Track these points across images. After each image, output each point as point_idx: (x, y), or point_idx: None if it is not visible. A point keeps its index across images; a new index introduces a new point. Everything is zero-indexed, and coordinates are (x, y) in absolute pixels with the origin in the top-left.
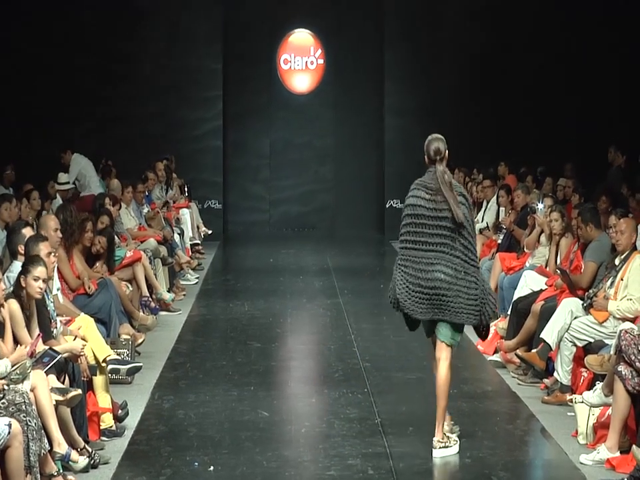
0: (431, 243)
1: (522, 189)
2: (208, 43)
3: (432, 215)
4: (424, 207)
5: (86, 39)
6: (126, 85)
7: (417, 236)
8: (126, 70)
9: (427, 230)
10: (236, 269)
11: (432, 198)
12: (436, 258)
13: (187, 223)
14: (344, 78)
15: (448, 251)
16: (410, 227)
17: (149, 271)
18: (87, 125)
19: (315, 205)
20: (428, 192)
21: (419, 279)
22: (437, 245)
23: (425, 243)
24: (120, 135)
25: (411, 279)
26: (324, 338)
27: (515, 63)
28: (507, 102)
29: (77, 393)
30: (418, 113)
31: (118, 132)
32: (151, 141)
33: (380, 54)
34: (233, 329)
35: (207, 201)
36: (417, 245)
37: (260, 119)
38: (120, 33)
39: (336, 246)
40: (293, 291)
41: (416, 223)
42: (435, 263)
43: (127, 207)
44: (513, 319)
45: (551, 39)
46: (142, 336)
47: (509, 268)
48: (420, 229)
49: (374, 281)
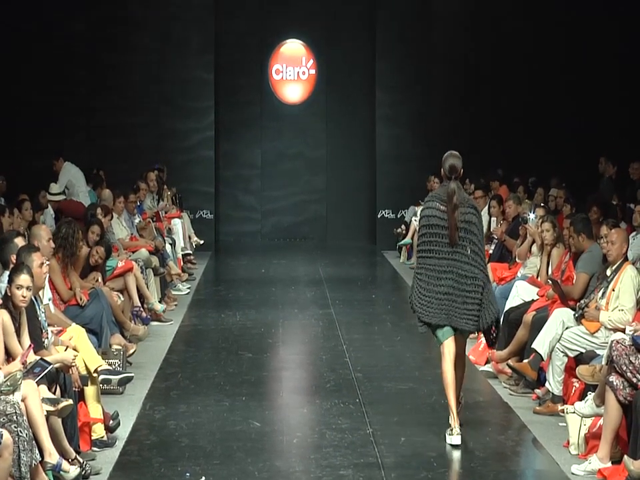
0: (444, 251)
1: (513, 200)
2: (199, 53)
3: (445, 225)
4: (438, 218)
5: (77, 50)
6: (117, 95)
7: (432, 245)
8: (117, 80)
9: (440, 239)
10: (228, 280)
11: (445, 210)
12: (448, 266)
13: (178, 233)
14: (336, 88)
15: (459, 259)
16: (425, 237)
17: (141, 281)
18: (78, 135)
19: (307, 216)
20: (442, 204)
21: (432, 284)
22: (449, 253)
23: (439, 251)
24: (111, 145)
25: (423, 284)
26: (316, 348)
27: (507, 73)
28: (499, 112)
29: (68, 403)
30: (410, 123)
31: (109, 142)
32: (142, 151)
33: (372, 64)
34: (224, 339)
35: (198, 211)
36: (431, 254)
37: (252, 129)
38: (111, 43)
39: (328, 256)
40: (284, 301)
41: (430, 233)
42: (447, 271)
43: (118, 217)
44: (505, 329)
45: (544, 50)
46: (133, 346)
47: (501, 278)
48: (434, 239)
49: (366, 291)
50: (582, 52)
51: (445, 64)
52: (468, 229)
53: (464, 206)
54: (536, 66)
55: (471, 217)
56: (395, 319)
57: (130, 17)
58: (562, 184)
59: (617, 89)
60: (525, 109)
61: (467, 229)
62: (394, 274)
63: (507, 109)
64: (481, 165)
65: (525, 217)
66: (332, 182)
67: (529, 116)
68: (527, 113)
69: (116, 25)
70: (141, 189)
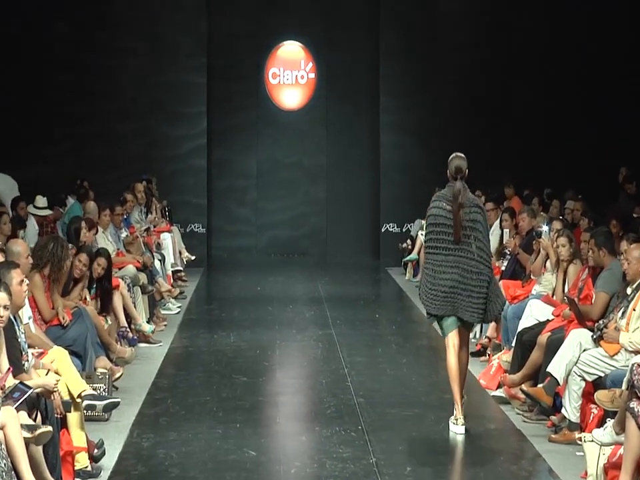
0: (450, 248)
1: (527, 212)
2: (191, 55)
3: (451, 223)
4: (444, 217)
5: (60, 52)
6: (103, 101)
7: (439, 242)
8: (103, 85)
9: (446, 237)
10: (221, 298)
11: (451, 209)
12: (455, 262)
13: (168, 248)
14: (337, 93)
15: (465, 255)
16: (433, 235)
17: (128, 300)
18: (61, 144)
19: (306, 229)
20: (448, 204)
21: (438, 279)
22: (456, 250)
23: (446, 248)
24: (96, 154)
25: (431, 279)
26: (315, 372)
27: (521, 77)
28: (512, 118)
29: (47, 430)
30: (416, 131)
31: (94, 151)
32: (130, 160)
33: (375, 67)
34: (217, 361)
35: (189, 225)
36: (438, 250)
37: (247, 136)
38: (97, 46)
39: (328, 273)
40: (281, 321)
41: (437, 231)
42: (452, 266)
43: (104, 231)
44: (518, 351)
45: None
46: (120, 370)
47: (513, 297)
48: (441, 236)
49: (369, 310)
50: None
51: (454, 67)
52: (473, 227)
53: (469, 205)
54: (552, 70)
55: (476, 215)
56: (400, 341)
57: (117, 18)
58: (579, 196)
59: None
60: (541, 115)
61: (472, 227)
62: (399, 292)
63: (520, 115)
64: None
65: (539, 231)
66: (332, 193)
67: (545, 123)
68: (542, 120)
69: (102, 26)
70: (128, 201)
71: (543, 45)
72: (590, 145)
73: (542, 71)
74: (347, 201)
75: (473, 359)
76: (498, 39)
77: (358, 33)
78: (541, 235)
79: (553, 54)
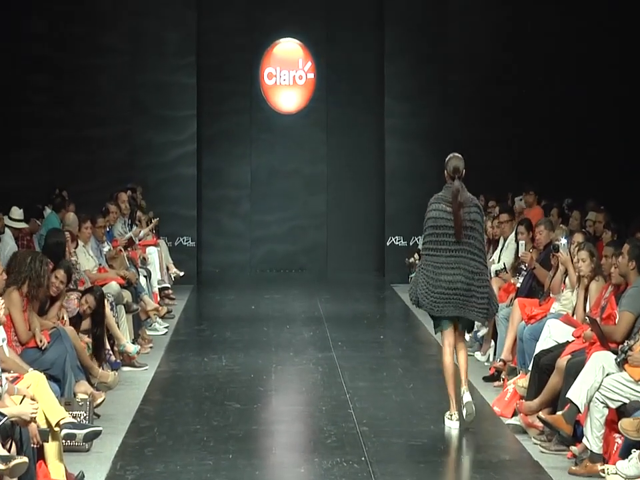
0: (452, 249)
1: (545, 225)
2: (179, 54)
3: (451, 224)
4: (445, 219)
5: (35, 50)
6: (83, 104)
7: (439, 244)
8: (83, 86)
9: (448, 239)
10: (212, 317)
11: (451, 210)
12: (456, 262)
13: (154, 263)
14: (338, 95)
15: (466, 255)
16: (433, 237)
17: (110, 320)
18: (37, 150)
19: (305, 243)
20: (447, 205)
21: (441, 281)
22: (457, 251)
23: (447, 250)
24: (76, 161)
25: (432, 281)
26: (314, 398)
27: (539, 78)
28: (527, 122)
29: (22, 461)
30: (424, 136)
31: (74, 157)
32: (112, 168)
33: (380, 66)
34: (208, 387)
35: (178, 238)
36: (439, 252)
37: (240, 142)
38: (74, 43)
39: (329, 290)
40: (278, 342)
41: (438, 232)
42: (455, 267)
43: (84, 245)
44: (535, 375)
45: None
46: (102, 395)
47: (530, 316)
48: (442, 238)
49: (373, 331)
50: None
51: (466, 66)
52: (472, 227)
53: (468, 205)
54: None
55: (475, 215)
56: (406, 364)
57: (98, 14)
58: (601, 206)
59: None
60: (561, 119)
61: (472, 227)
62: (405, 311)
63: (535, 118)
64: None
65: (557, 244)
66: (333, 204)
67: (565, 128)
68: (562, 125)
69: (80, 21)
70: (111, 212)
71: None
72: (614, 152)
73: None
74: (349, 213)
75: (486, 383)
76: (514, 36)
77: (361, 29)
78: (559, 249)
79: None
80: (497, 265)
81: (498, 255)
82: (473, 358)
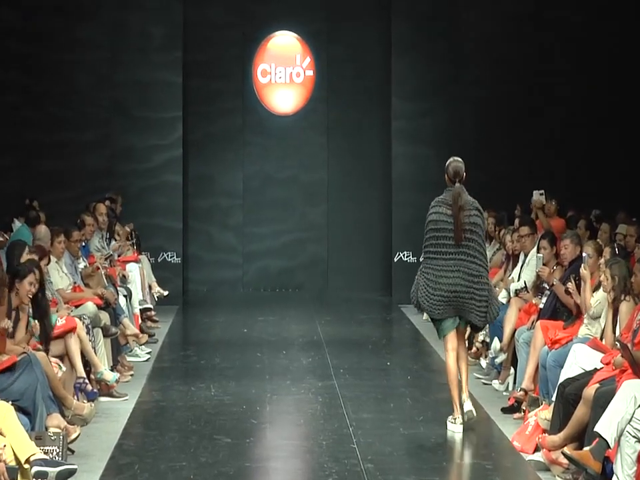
0: (452, 252)
1: (571, 238)
2: (164, 49)
3: (451, 227)
4: (445, 222)
5: (6, 46)
6: (57, 104)
7: (440, 247)
8: (57, 85)
9: (447, 241)
10: (199, 342)
11: (451, 213)
12: (456, 265)
13: (135, 281)
14: (340, 94)
15: (466, 258)
16: (433, 240)
17: (86, 345)
18: (5, 155)
19: (303, 259)
20: (448, 208)
21: (440, 284)
22: (457, 254)
23: (447, 252)
24: (49, 168)
25: (432, 284)
26: (313, 431)
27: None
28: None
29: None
30: (435, 140)
31: (46, 164)
32: (89, 175)
33: (386, 63)
34: (195, 419)
35: (161, 253)
36: (439, 255)
37: (231, 147)
38: (49, 38)
39: (329, 312)
40: (273, 370)
41: (438, 235)
42: (455, 270)
43: (57, 261)
44: (559, 407)
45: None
46: (76, 429)
47: (554, 341)
48: (442, 241)
49: (378, 357)
50: None
51: (481, 63)
52: (473, 230)
53: (468, 208)
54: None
55: (475, 218)
56: (416, 394)
57: (75, 5)
58: (633, 218)
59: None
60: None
61: (472, 230)
62: (415, 334)
63: (559, 119)
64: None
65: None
66: (335, 215)
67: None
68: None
69: (56, 14)
70: (87, 225)
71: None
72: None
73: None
74: (352, 225)
75: (505, 415)
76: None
77: (366, 21)
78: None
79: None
80: (516, 283)
81: (518, 272)
82: (489, 387)
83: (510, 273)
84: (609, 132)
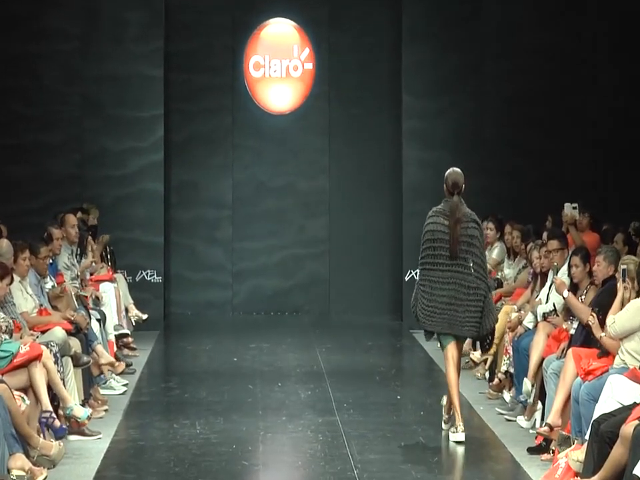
0: (447, 264)
1: (605, 254)
2: (142, 39)
3: (448, 238)
4: (442, 232)
5: None
6: (19, 102)
7: (435, 258)
8: (20, 80)
9: (443, 252)
10: (183, 373)
11: (449, 224)
12: (451, 277)
13: (109, 303)
14: (343, 90)
15: (461, 270)
16: (430, 251)
17: (54, 375)
18: None
19: (301, 278)
20: (446, 219)
21: (435, 295)
22: (452, 265)
23: (443, 264)
24: (11, 174)
25: (427, 295)
26: (314, 474)
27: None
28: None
29: None
30: (451, 143)
31: (8, 170)
32: (57, 183)
33: (395, 56)
34: (177, 460)
35: (140, 272)
36: (435, 267)
37: (219, 150)
38: (12, 28)
39: (331, 338)
40: (267, 404)
41: (435, 246)
42: (449, 282)
43: (21, 280)
44: (594, 445)
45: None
46: (43, 471)
47: (587, 371)
48: (438, 252)
49: (387, 389)
50: None
51: (504, 54)
52: (470, 242)
53: (466, 220)
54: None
55: (473, 230)
56: (429, 432)
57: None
58: None
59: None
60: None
61: (469, 242)
62: (429, 365)
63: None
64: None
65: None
66: (337, 228)
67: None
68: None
69: (19, 1)
70: (55, 239)
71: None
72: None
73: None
74: (357, 239)
75: (532, 456)
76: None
77: (372, 7)
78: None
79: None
80: (544, 305)
81: (546, 292)
82: (514, 424)
83: (537, 293)
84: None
